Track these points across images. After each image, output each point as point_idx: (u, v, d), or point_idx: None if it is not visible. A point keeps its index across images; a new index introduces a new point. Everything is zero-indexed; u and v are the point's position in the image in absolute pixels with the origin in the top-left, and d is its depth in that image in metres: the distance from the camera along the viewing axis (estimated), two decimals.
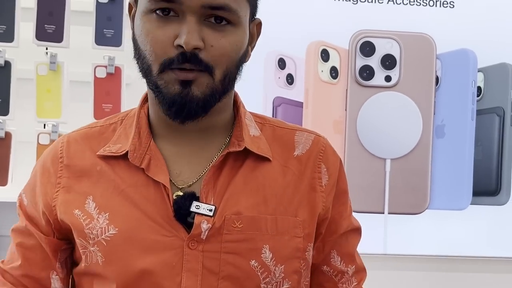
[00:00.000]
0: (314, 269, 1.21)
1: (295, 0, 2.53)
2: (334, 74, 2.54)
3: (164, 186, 1.09)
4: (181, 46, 1.01)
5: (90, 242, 1.09)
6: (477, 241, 2.62)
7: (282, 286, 1.12)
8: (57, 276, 1.16)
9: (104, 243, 1.08)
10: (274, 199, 1.12)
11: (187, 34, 1.01)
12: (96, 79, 2.30)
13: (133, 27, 1.09)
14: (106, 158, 1.13)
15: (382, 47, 2.55)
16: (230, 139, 1.14)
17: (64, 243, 1.15)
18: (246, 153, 1.13)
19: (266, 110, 2.50)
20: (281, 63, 2.52)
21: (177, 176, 1.11)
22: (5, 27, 2.25)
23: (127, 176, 1.11)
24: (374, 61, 2.55)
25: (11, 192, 2.24)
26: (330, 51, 2.54)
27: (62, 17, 2.27)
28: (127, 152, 1.11)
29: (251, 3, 1.09)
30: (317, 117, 2.53)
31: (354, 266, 1.24)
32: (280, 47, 2.51)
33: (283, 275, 1.11)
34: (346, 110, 2.54)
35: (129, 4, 1.12)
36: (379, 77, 2.55)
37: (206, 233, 1.07)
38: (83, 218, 1.10)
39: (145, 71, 1.06)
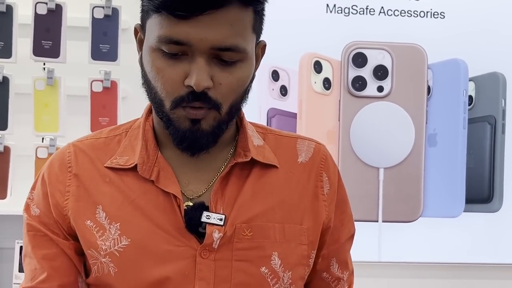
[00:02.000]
0: (314, 275, 1.23)
1: (288, 12, 2.56)
2: (327, 85, 2.57)
3: (175, 196, 1.11)
4: (191, 86, 1.04)
5: (102, 253, 1.10)
6: (471, 248, 2.64)
7: None
8: (82, 279, 1.16)
9: (117, 254, 1.10)
10: (281, 206, 1.15)
11: (196, 75, 1.03)
12: (92, 93, 2.33)
13: (141, 57, 1.10)
14: (114, 169, 1.14)
15: (374, 58, 2.58)
16: (235, 149, 1.16)
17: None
18: (252, 163, 1.15)
19: (260, 121, 2.53)
20: (275, 75, 2.56)
21: (186, 186, 1.13)
22: (3, 43, 2.28)
23: (137, 186, 1.12)
24: (366, 72, 2.58)
25: (10, 205, 2.27)
26: (323, 62, 2.57)
27: (58, 33, 2.30)
28: (136, 165, 1.13)
29: (257, 32, 1.10)
30: (311, 128, 2.56)
31: (347, 272, 1.28)
32: (274, 59, 2.54)
33: (290, 281, 1.14)
34: (339, 120, 2.57)
35: (135, 28, 1.13)
36: (371, 88, 2.58)
37: (218, 242, 1.09)
38: (96, 229, 1.11)
39: (158, 105, 1.08)
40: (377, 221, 2.59)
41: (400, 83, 2.58)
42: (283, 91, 2.56)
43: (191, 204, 1.11)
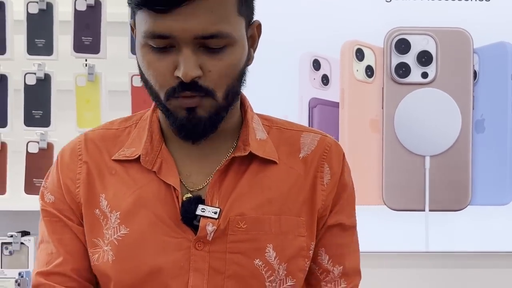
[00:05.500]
0: None
1: (328, 0, 2.53)
2: (369, 73, 2.54)
3: (174, 188, 1.13)
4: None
5: (105, 241, 1.14)
6: None
7: (286, 283, 1.15)
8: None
9: (116, 242, 1.13)
10: (279, 199, 1.16)
11: (184, 66, 1.05)
12: (133, 88, 2.34)
13: (137, 51, 1.13)
14: (120, 161, 1.17)
15: (418, 44, 2.53)
16: (237, 142, 1.18)
17: None
18: (252, 157, 1.17)
19: (302, 111, 2.51)
20: (316, 64, 2.53)
21: (187, 178, 1.16)
22: (44, 41, 2.31)
23: (140, 178, 1.15)
24: (410, 58, 2.53)
25: None
26: (365, 50, 2.53)
27: (98, 28, 2.32)
28: (140, 155, 1.16)
29: (245, 15, 1.11)
30: (354, 117, 2.53)
31: (341, 267, 1.22)
32: (314, 48, 2.51)
33: (285, 272, 1.14)
34: (382, 108, 2.54)
35: (130, 25, 1.15)
36: (415, 74, 2.53)
37: (212, 234, 1.12)
38: (101, 218, 1.15)
39: (155, 97, 1.11)
40: (424, 210, 2.55)
41: (445, 69, 2.53)
42: (325, 80, 2.53)
43: (190, 196, 1.14)
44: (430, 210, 2.55)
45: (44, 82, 2.31)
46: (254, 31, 1.15)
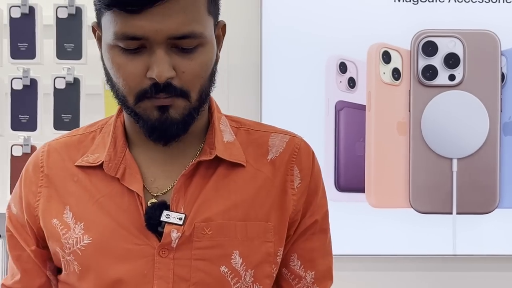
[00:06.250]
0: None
1: (355, 3, 2.53)
2: (396, 76, 2.53)
3: (138, 194, 1.11)
4: (154, 78, 1.04)
5: (66, 251, 1.12)
6: None
7: None
8: (55, 281, 1.19)
9: (79, 252, 1.11)
10: (245, 204, 1.13)
11: (157, 67, 1.03)
12: None
13: (101, 53, 1.10)
14: (83, 168, 1.14)
15: (445, 46, 2.52)
16: (203, 146, 1.15)
17: (49, 252, 1.17)
18: (219, 160, 1.14)
19: (328, 114, 2.52)
20: (342, 67, 2.53)
21: (152, 183, 1.13)
22: (73, 45, 2.33)
23: (103, 185, 1.13)
24: (437, 61, 2.52)
25: None
26: (392, 52, 2.53)
27: None
28: (103, 162, 1.13)
29: (213, 13, 1.10)
30: (380, 120, 2.53)
31: (313, 272, 1.20)
32: (341, 51, 2.52)
33: (253, 279, 1.12)
34: (409, 111, 2.53)
35: (92, 27, 1.13)
36: (442, 77, 2.52)
37: (177, 241, 1.09)
38: (60, 227, 1.13)
39: (122, 101, 1.09)
40: (451, 213, 2.54)
41: (472, 71, 2.52)
42: (351, 83, 2.53)
43: (154, 201, 1.11)
44: (457, 213, 2.54)
45: (73, 86, 2.33)
46: (219, 32, 1.14)
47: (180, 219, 1.09)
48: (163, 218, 1.09)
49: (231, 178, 1.14)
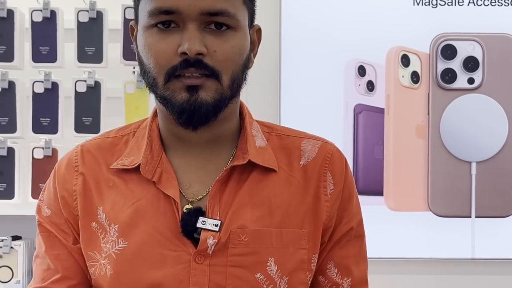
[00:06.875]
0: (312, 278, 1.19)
1: (374, 6, 2.53)
2: (415, 79, 2.53)
3: (174, 200, 1.10)
4: (185, 53, 1.03)
5: (103, 255, 1.11)
6: None
7: None
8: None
9: (114, 256, 1.10)
10: (280, 211, 1.12)
11: (189, 40, 1.03)
12: None
13: (137, 47, 1.11)
14: (119, 171, 1.14)
15: (464, 50, 2.52)
16: (236, 151, 1.14)
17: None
18: (252, 165, 1.13)
19: (347, 117, 2.52)
20: (361, 71, 2.53)
21: (187, 188, 1.12)
22: (94, 49, 2.35)
23: (139, 189, 1.12)
24: (456, 64, 2.52)
25: None
26: (411, 56, 2.53)
27: None
28: (139, 164, 1.12)
29: (248, 7, 1.10)
30: (399, 123, 2.53)
31: (350, 279, 1.20)
32: (360, 55, 2.52)
33: (287, 286, 1.11)
34: (428, 114, 2.53)
35: (131, 26, 1.14)
36: (461, 80, 2.52)
37: (213, 248, 1.08)
38: (99, 231, 1.12)
39: (151, 85, 1.08)
40: (470, 217, 2.53)
41: (491, 75, 2.52)
42: (370, 86, 2.54)
43: (190, 207, 1.10)
44: (476, 217, 2.53)
45: (94, 90, 2.35)
46: (254, 35, 1.14)
47: (216, 225, 1.08)
48: (199, 225, 1.08)
49: (265, 183, 1.13)
